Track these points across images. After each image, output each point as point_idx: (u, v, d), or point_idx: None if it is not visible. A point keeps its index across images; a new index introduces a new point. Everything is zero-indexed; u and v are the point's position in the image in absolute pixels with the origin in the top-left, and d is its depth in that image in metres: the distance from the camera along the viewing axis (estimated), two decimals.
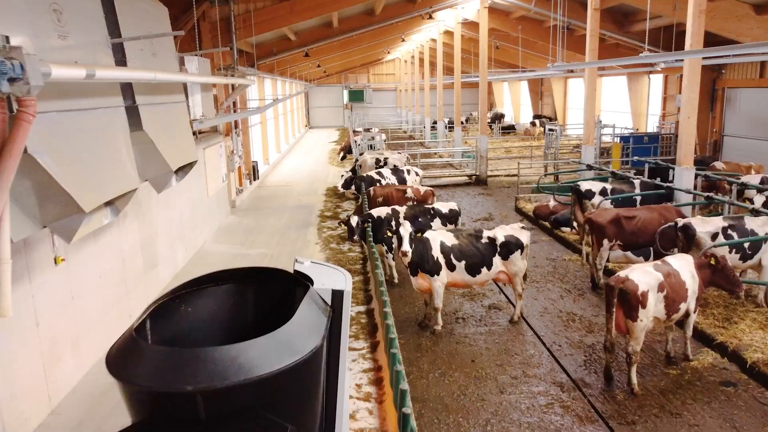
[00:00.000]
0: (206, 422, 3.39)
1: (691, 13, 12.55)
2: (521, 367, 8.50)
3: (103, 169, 5.88)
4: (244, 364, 3.40)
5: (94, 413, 7.09)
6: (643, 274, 7.66)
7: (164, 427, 3.43)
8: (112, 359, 3.58)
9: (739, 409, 7.28)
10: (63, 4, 5.56)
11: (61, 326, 7.47)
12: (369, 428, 6.69)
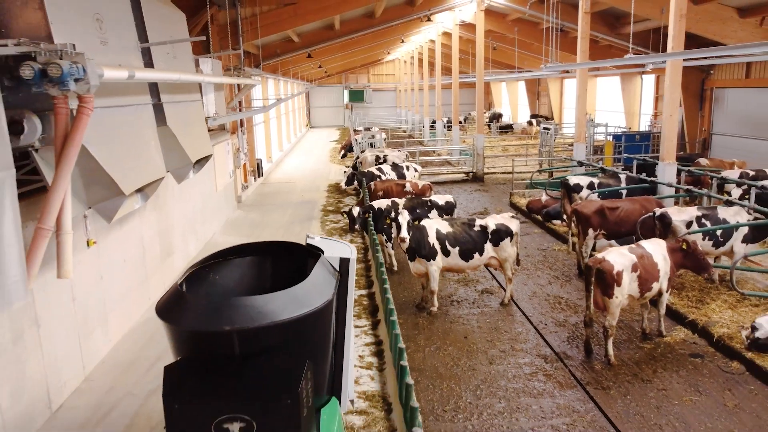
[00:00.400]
0: (240, 357, 4.20)
1: (672, 17, 13.33)
2: (509, 343, 9.30)
3: (137, 158, 6.68)
4: (270, 311, 4.21)
5: (123, 381, 7.89)
6: (618, 256, 8.46)
7: (207, 361, 4.23)
8: (163, 308, 4.39)
9: (704, 376, 8.08)
10: (103, 13, 6.37)
11: (92, 303, 8.26)
12: (371, 391, 7.49)
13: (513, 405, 7.50)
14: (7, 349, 6.15)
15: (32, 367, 6.64)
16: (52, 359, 7.08)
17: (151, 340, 9.10)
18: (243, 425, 3.98)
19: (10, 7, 5.20)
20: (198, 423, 3.98)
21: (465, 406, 7.49)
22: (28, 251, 4.67)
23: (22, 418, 6.39)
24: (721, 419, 7.05)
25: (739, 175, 14.79)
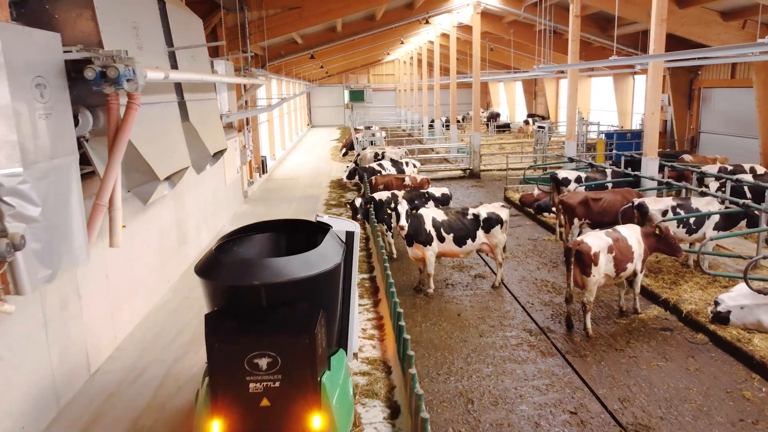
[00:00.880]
0: (266, 307, 5.13)
1: (654, 21, 14.26)
2: (498, 319, 10.23)
3: (167, 149, 7.60)
4: (290, 270, 5.15)
5: (150, 350, 8.79)
6: (595, 239, 9.39)
7: (239, 310, 5.16)
8: (201, 269, 5.33)
9: (671, 346, 9.00)
10: (139, 22, 7.29)
11: (121, 282, 9.17)
12: (373, 357, 8.40)
13: (499, 370, 8.42)
14: (56, 315, 7.06)
15: (75, 333, 7.55)
16: (90, 328, 7.99)
17: (172, 317, 10.01)
18: (270, 360, 4.91)
19: (67, 18, 6.12)
20: (233, 359, 4.91)
21: (456, 371, 8.41)
22: (87, 223, 5.58)
23: (67, 376, 7.30)
24: (682, 380, 7.97)
25: (718, 170, 15.71)
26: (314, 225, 6.43)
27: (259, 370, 4.90)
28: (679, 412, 7.23)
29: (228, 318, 5.10)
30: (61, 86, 5.20)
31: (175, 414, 6.94)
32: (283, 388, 4.93)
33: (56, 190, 4.94)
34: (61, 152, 5.09)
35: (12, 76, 4.39)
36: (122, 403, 7.24)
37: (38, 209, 4.59)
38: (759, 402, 7.41)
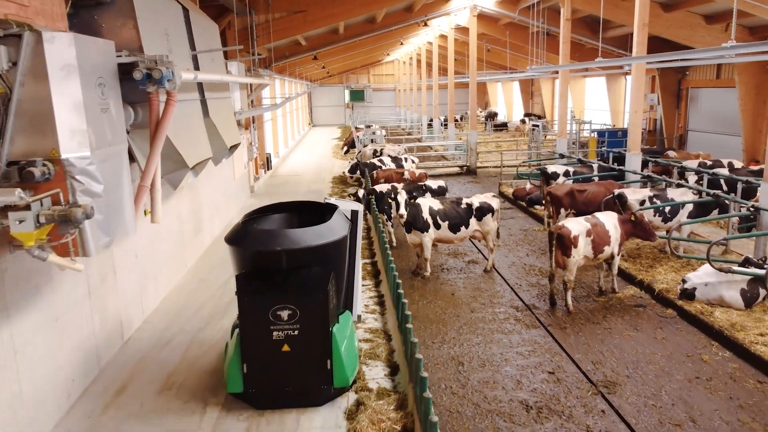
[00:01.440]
0: (286, 270, 6.14)
1: (636, 25, 15.27)
2: (488, 298, 11.23)
3: (193, 141, 8.60)
4: (306, 238, 6.18)
5: (174, 322, 9.78)
6: (575, 224, 10.39)
7: (263, 272, 6.17)
8: (232, 238, 6.35)
9: (643, 319, 10.01)
10: (169, 29, 8.29)
11: (147, 262, 10.17)
12: (375, 327, 9.40)
13: (488, 339, 9.43)
14: (97, 287, 8.06)
15: (111, 304, 8.54)
16: (123, 301, 8.99)
17: (192, 296, 11.01)
18: (290, 312, 5.92)
19: (112, 27, 7.11)
20: (260, 311, 5.92)
21: (449, 340, 9.42)
22: (134, 201, 6.58)
23: (106, 341, 8.30)
24: (649, 347, 8.98)
25: (698, 165, 16.71)
26: (323, 205, 7.44)
27: (281, 321, 5.91)
28: (643, 371, 8.24)
29: (255, 278, 6.11)
30: (115, 85, 6.20)
31: (202, 372, 7.93)
32: (300, 336, 5.94)
33: (112, 171, 5.93)
34: (115, 140, 6.08)
35: (83, 77, 5.38)
36: (154, 365, 8.23)
37: (101, 186, 5.58)
38: (714, 364, 8.41)
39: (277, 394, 6.26)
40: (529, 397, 7.64)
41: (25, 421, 6.15)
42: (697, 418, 7.06)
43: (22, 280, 6.23)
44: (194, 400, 7.14)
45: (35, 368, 6.38)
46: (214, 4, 16.93)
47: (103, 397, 7.36)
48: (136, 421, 6.77)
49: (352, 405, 6.87)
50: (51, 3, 6.15)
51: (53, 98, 5.14)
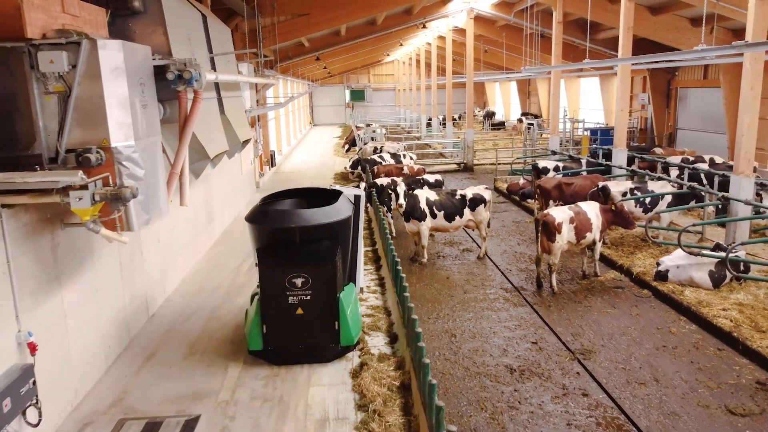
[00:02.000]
0: (300, 244, 7.10)
1: (621, 28, 16.22)
2: (480, 281, 12.19)
3: (212, 135, 9.55)
4: (316, 218, 7.16)
5: (193, 301, 10.72)
6: (559, 212, 11.34)
7: (278, 247, 7.13)
8: (252, 217, 7.32)
9: (620, 299, 10.96)
10: (191, 35, 9.23)
11: (168, 247, 11.11)
12: (376, 304, 10.34)
13: (478, 315, 10.38)
14: (127, 265, 9.01)
15: (139, 282, 9.49)
16: (149, 279, 9.94)
17: (207, 278, 11.96)
18: (303, 280, 6.87)
19: (144, 33, 8.06)
20: (278, 278, 6.87)
21: (443, 316, 10.37)
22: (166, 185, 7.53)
23: (135, 314, 9.24)
24: (624, 321, 9.93)
25: (681, 160, 17.66)
26: (329, 191, 8.40)
27: (296, 287, 6.87)
28: (617, 342, 9.19)
29: (273, 251, 7.07)
30: (151, 85, 7.14)
31: (222, 342, 8.87)
32: (312, 301, 6.89)
33: (150, 159, 6.87)
34: (152, 132, 7.02)
35: (128, 78, 6.32)
36: (178, 336, 9.18)
37: (142, 171, 6.52)
38: (681, 335, 9.37)
39: (292, 351, 7.23)
40: (513, 362, 8.60)
41: (73, 376, 7.09)
42: (660, 378, 8.01)
43: (70, 254, 7.18)
44: (216, 364, 8.09)
45: (81, 332, 7.32)
46: (223, 8, 17.87)
47: (135, 361, 8.31)
48: (167, 380, 7.71)
49: (356, 366, 7.82)
50: (96, 13, 7.09)
51: (105, 96, 6.08)
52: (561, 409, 7.33)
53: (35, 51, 5.86)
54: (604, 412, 7.25)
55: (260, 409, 6.96)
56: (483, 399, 7.62)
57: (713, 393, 7.60)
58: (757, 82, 11.42)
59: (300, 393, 7.26)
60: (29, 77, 5.95)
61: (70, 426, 6.74)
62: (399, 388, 7.26)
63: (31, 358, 6.07)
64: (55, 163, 6.18)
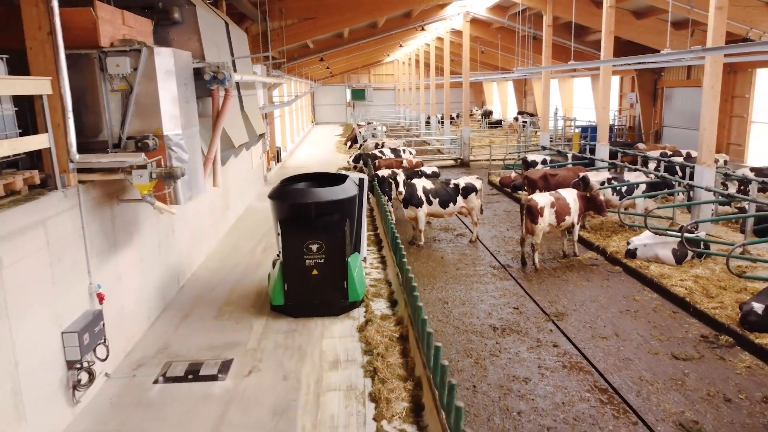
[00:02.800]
0: (314, 217, 8.52)
1: (603, 33, 17.61)
2: (471, 260, 13.60)
3: (236, 128, 10.95)
4: (328, 195, 8.63)
5: (217, 275, 12.12)
6: (541, 197, 12.75)
7: (297, 219, 8.55)
8: (274, 194, 8.77)
9: (594, 274, 12.38)
10: (218, 41, 10.64)
11: (194, 228, 12.51)
12: (378, 277, 11.75)
13: (468, 287, 11.80)
14: (163, 240, 10.41)
15: (171, 256, 10.89)
16: (179, 255, 11.34)
17: (227, 257, 13.36)
18: (318, 246, 8.29)
19: (181, 40, 9.46)
20: (297, 245, 8.29)
21: (438, 288, 11.79)
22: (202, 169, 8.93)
23: (168, 284, 10.65)
24: (595, 292, 11.35)
25: (660, 154, 19.08)
26: (337, 175, 9.82)
27: (312, 252, 8.29)
28: (587, 307, 10.61)
29: (293, 222, 8.49)
30: (192, 84, 8.55)
31: (246, 306, 10.27)
32: (325, 263, 8.32)
33: (191, 146, 8.28)
34: (192, 124, 8.43)
35: (177, 79, 7.72)
36: (207, 302, 10.58)
37: (187, 155, 7.92)
38: (643, 302, 10.78)
39: (308, 306, 8.68)
40: (496, 323, 10.01)
41: (125, 328, 8.50)
42: (620, 334, 9.42)
43: (123, 226, 8.59)
44: (242, 322, 9.49)
45: (131, 292, 8.73)
46: (235, 12, 19.26)
47: (173, 320, 9.73)
48: (202, 334, 9.12)
49: (362, 323, 9.23)
50: (145, 24, 8.51)
51: (159, 93, 7.49)
52: (534, 356, 8.75)
53: (105, 56, 7.28)
54: (570, 359, 8.67)
55: (283, 354, 8.37)
56: (469, 349, 9.04)
57: (663, 344, 9.02)
58: (717, 82, 12.82)
59: (315, 343, 8.67)
60: (98, 78, 7.37)
61: (126, 366, 8.16)
62: (398, 339, 8.67)
63: (99, 306, 7.48)
64: (117, 148, 7.59)
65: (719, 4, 12.20)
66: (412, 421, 6.69)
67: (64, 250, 6.78)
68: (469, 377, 8.18)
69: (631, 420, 7.05)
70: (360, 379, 7.68)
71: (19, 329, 5.82)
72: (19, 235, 5.91)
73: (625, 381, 7.94)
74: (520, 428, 6.96)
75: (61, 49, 6.55)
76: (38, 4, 6.46)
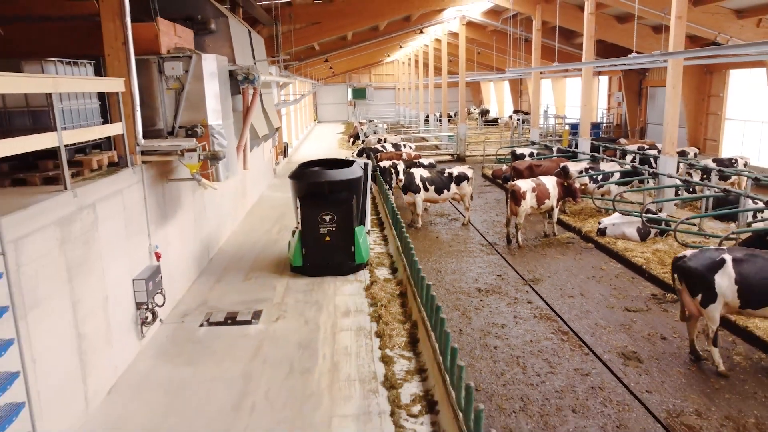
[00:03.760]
0: (327, 194, 10.35)
1: (585, 36, 19.39)
2: (463, 240, 15.39)
3: (259, 121, 12.74)
4: (339, 175, 10.49)
5: (242, 248, 13.91)
6: (524, 183, 14.55)
7: (313, 195, 10.38)
8: (294, 175, 10.61)
9: (569, 249, 14.17)
10: (243, 46, 12.42)
11: (219, 211, 14.28)
12: (380, 251, 13.53)
13: (459, 260, 13.59)
14: (197, 217, 12.19)
15: (203, 231, 12.67)
16: (209, 231, 13.12)
17: (247, 236, 15.15)
18: (330, 217, 10.11)
19: (215, 47, 11.25)
20: (313, 216, 10.13)
21: (432, 260, 13.58)
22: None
23: (201, 255, 12.43)
24: (568, 263, 13.14)
25: (637, 148, 20.88)
26: (345, 160, 11.64)
27: (325, 222, 10.10)
28: (560, 275, 12.40)
29: (309, 198, 10.30)
30: (227, 84, 10.33)
31: (268, 273, 12.04)
32: (336, 232, 10.14)
33: (228, 135, 10.05)
34: (228, 116, 10.20)
35: (219, 78, 9.51)
36: (235, 269, 12.36)
37: (226, 142, 9.69)
38: (608, 270, 12.58)
39: (322, 266, 10.55)
40: (481, 286, 11.80)
41: (172, 286, 10.28)
42: (585, 294, 11.22)
43: (170, 202, 10.37)
44: (267, 284, 11.28)
45: (175, 257, 10.51)
46: (249, 17, 21.04)
47: (208, 283, 11.52)
48: (234, 293, 10.91)
49: (368, 284, 11.03)
50: (189, 34, 10.29)
51: (205, 91, 9.27)
52: (511, 310, 10.54)
53: (162, 61, 9.06)
54: (540, 311, 10.46)
55: (303, 306, 10.16)
56: (457, 305, 10.83)
57: (619, 300, 10.82)
58: (678, 83, 14.60)
59: (329, 299, 10.46)
60: (156, 78, 9.15)
61: (174, 315, 9.95)
62: (398, 295, 10.47)
63: (156, 262, 9.26)
64: (171, 135, 9.38)
65: (678, 13, 13.98)
66: (409, 350, 8.48)
67: (133, 215, 8.57)
68: (457, 324, 9.97)
69: (584, 352, 8.84)
70: (367, 323, 9.47)
71: (108, 271, 7.61)
72: (107, 199, 7.69)
73: (583, 326, 9.73)
74: (495, 357, 8.74)
75: (131, 55, 8.33)
76: (115, 19, 8.24)
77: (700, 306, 7.93)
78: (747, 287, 7.58)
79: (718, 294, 7.74)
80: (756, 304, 7.65)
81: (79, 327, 6.77)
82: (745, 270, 7.60)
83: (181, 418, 6.87)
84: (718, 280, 7.71)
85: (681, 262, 8.13)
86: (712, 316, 7.87)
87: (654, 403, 7.41)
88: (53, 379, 6.10)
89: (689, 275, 7.99)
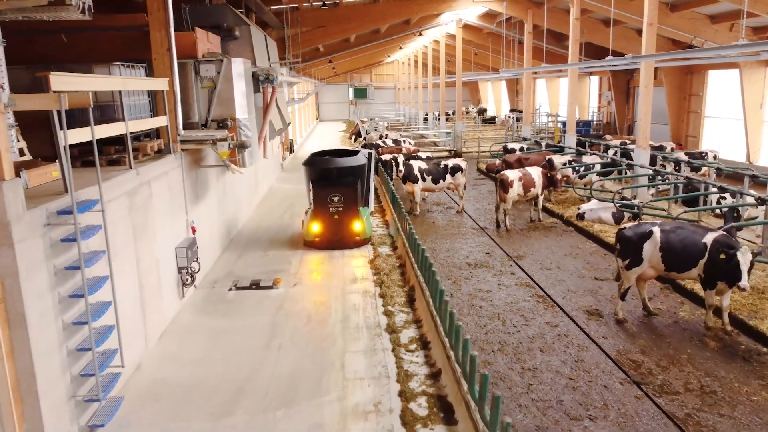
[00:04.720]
0: (336, 178, 12.03)
1: (571, 39, 20.99)
2: (457, 225, 17.02)
3: (275, 116, 14.37)
4: (346, 162, 12.20)
5: (259, 231, 15.53)
6: (511, 172, 16.17)
7: (323, 179, 12.04)
8: (307, 162, 12.30)
9: (552, 232, 15.80)
10: (261, 49, 14.04)
11: (238, 198, 15.90)
12: (382, 233, 15.16)
13: (452, 241, 15.21)
14: (221, 200, 13.81)
15: (225, 214, 14.29)
16: (229, 214, 14.75)
17: (262, 220, 16.78)
18: (338, 197, 11.81)
19: (237, 51, 12.87)
20: (323, 196, 11.88)
21: (428, 242, 15.19)
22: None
23: (223, 235, 14.04)
24: (549, 244, 14.76)
25: (620, 143, 22.51)
26: (351, 150, 13.29)
27: (334, 202, 11.77)
28: (541, 253, 14.02)
29: (321, 181, 11.96)
30: (250, 83, 11.95)
31: (283, 250, 13.67)
32: (344, 210, 11.84)
33: (252, 127, 11.68)
34: (252, 112, 11.83)
35: (245, 78, 11.12)
36: (255, 246, 13.98)
37: (251, 133, 11.31)
38: (584, 248, 14.20)
39: (331, 240, 12.28)
40: (471, 261, 13.43)
41: (203, 257, 11.90)
42: (561, 267, 12.84)
43: (201, 185, 11.99)
44: (284, 258, 12.92)
45: (205, 233, 12.13)
46: (259, 20, 22.66)
47: (232, 257, 13.15)
48: (255, 265, 12.54)
49: (371, 258, 12.67)
50: (217, 41, 11.92)
51: (234, 89, 10.90)
52: (496, 279, 12.17)
53: (198, 64, 10.69)
54: (521, 280, 12.08)
55: (316, 275, 11.80)
56: (449, 276, 12.46)
57: (590, 272, 12.44)
58: (650, 82, 16.20)
59: (339, 270, 12.10)
60: (192, 79, 10.77)
61: (206, 283, 11.58)
62: (398, 267, 12.11)
63: (192, 235, 10.89)
64: (204, 127, 11.01)
65: (650, 20, 15.59)
66: (407, 307, 10.12)
67: (175, 193, 10.20)
68: (448, 290, 11.58)
69: (555, 310, 10.46)
70: (372, 287, 11.11)
71: (158, 238, 9.24)
72: (158, 179, 9.31)
73: (557, 291, 11.36)
74: (480, 314, 10.37)
75: (174, 59, 9.95)
76: (161, 30, 9.85)
77: (624, 269, 9.73)
78: (670, 253, 9.28)
79: (644, 259, 9.43)
80: (679, 268, 9.34)
81: (141, 279, 8.40)
82: (670, 239, 9.31)
83: (224, 353, 8.51)
84: (646, 247, 9.42)
85: (620, 232, 9.85)
86: (628, 277, 9.78)
87: (608, 345, 9.03)
88: (126, 317, 7.73)
89: (625, 242, 9.69)
